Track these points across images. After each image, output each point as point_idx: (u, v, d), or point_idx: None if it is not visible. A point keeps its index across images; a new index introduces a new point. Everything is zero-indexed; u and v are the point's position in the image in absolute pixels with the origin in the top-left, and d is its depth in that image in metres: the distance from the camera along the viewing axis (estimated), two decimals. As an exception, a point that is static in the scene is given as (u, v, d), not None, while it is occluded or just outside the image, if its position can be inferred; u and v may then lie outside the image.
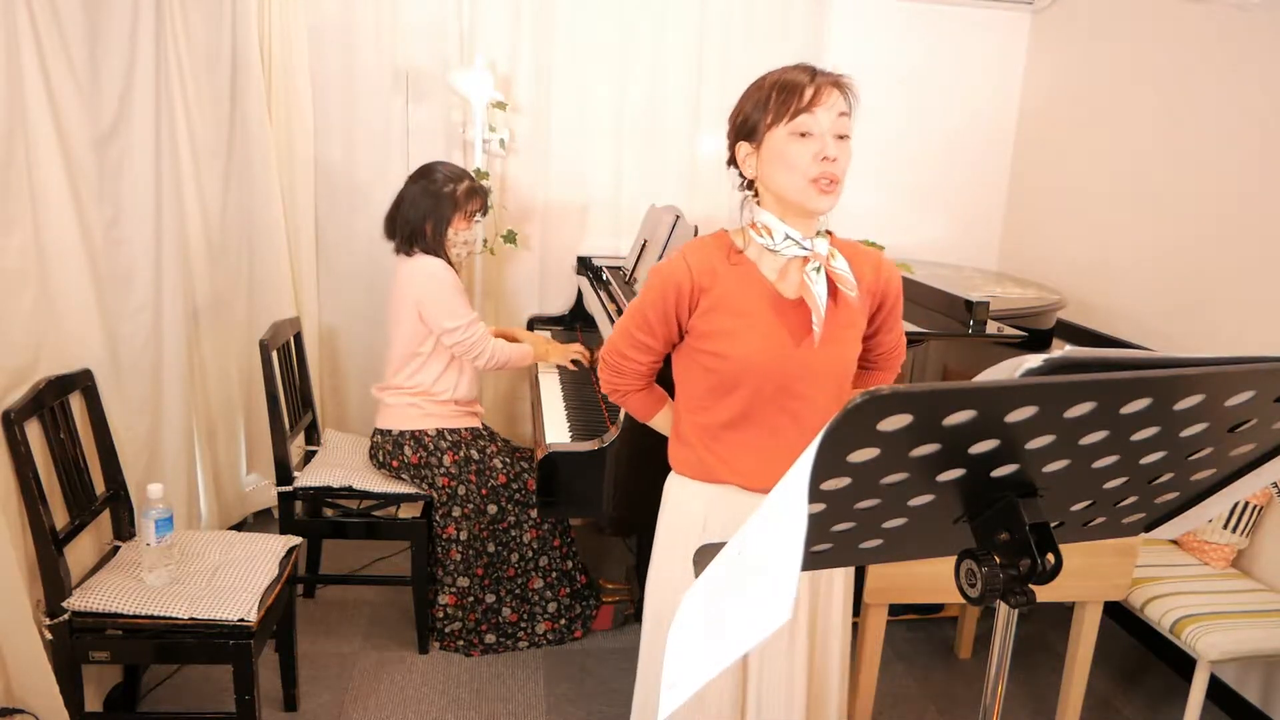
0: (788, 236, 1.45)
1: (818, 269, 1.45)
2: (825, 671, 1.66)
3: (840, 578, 1.65)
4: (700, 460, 1.57)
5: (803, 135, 1.40)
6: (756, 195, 1.50)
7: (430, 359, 2.66)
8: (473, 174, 2.78)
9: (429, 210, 2.63)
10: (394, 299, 2.67)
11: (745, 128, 1.48)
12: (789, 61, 1.50)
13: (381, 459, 2.70)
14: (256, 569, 2.18)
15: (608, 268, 3.27)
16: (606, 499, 2.24)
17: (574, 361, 2.92)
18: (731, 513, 1.56)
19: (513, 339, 3.11)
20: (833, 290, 1.47)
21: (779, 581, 0.67)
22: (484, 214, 2.80)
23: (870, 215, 3.79)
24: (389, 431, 2.69)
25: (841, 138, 1.42)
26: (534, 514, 2.67)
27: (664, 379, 1.67)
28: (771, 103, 1.43)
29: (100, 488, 2.20)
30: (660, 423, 1.71)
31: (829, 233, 1.53)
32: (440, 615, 2.69)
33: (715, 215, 3.61)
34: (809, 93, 1.40)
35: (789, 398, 1.50)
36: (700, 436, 1.57)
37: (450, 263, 2.67)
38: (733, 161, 1.52)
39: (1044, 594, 0.90)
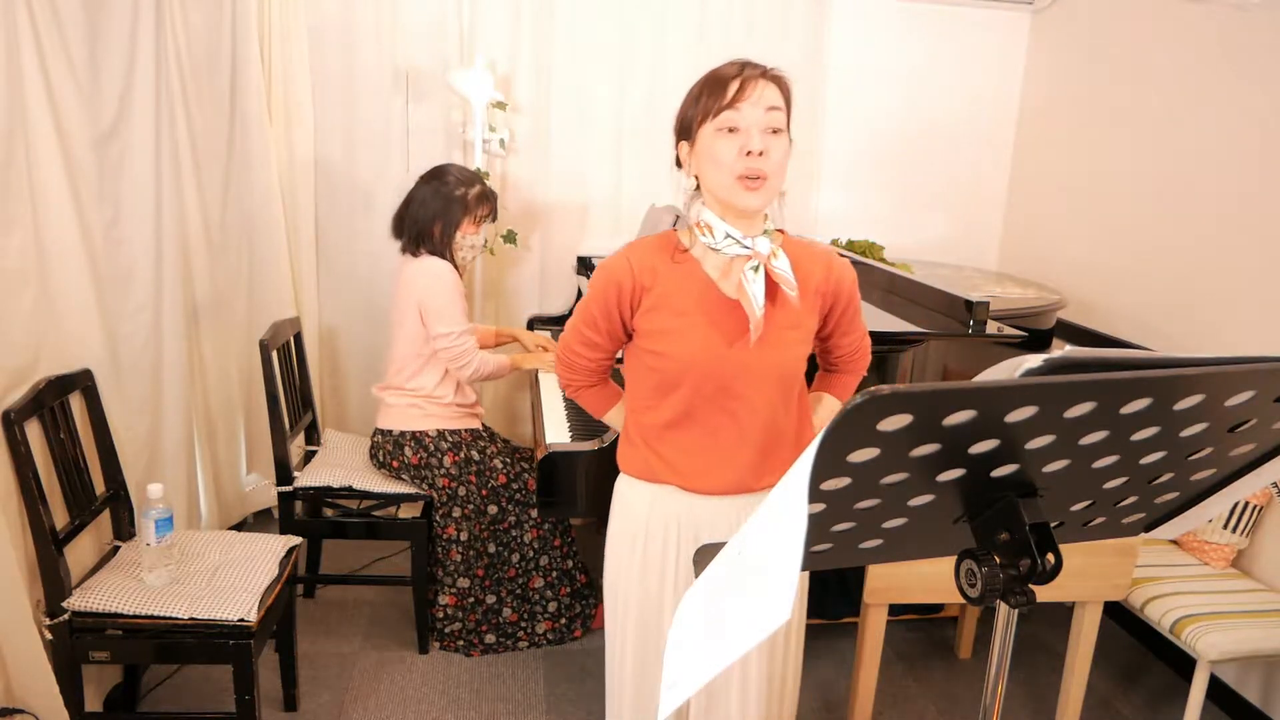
0: (728, 235, 1.44)
1: (756, 268, 1.43)
2: (768, 681, 1.64)
3: None
4: (644, 460, 1.57)
5: (729, 131, 1.39)
6: (701, 194, 1.50)
7: (432, 361, 2.66)
8: (482, 177, 2.77)
9: (438, 212, 2.63)
10: (398, 299, 2.67)
11: (683, 127, 1.48)
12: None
13: (382, 459, 2.70)
14: (256, 569, 2.18)
15: (608, 268, 3.27)
16: (605, 499, 2.23)
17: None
18: (671, 513, 1.56)
19: (513, 339, 3.12)
20: (775, 291, 1.46)
21: (779, 582, 0.67)
22: (493, 219, 2.80)
23: (870, 215, 3.79)
24: (389, 432, 2.68)
25: (774, 132, 1.40)
26: (534, 514, 2.67)
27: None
28: (701, 100, 1.43)
29: (100, 488, 2.20)
30: (614, 419, 1.71)
31: (781, 231, 1.52)
32: (440, 615, 2.69)
33: (715, 215, 3.60)
34: (733, 87, 1.39)
35: (728, 398, 1.49)
36: (644, 436, 1.56)
37: (456, 265, 2.67)
38: (679, 161, 1.52)
39: (1044, 594, 0.90)
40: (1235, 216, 2.67)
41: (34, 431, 1.96)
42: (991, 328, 2.40)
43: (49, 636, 1.95)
